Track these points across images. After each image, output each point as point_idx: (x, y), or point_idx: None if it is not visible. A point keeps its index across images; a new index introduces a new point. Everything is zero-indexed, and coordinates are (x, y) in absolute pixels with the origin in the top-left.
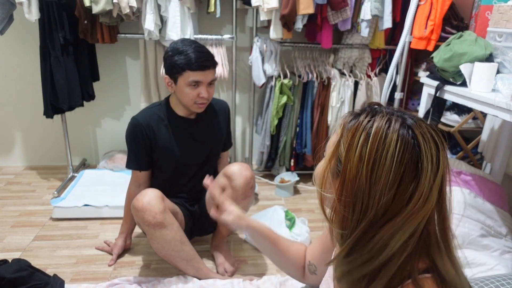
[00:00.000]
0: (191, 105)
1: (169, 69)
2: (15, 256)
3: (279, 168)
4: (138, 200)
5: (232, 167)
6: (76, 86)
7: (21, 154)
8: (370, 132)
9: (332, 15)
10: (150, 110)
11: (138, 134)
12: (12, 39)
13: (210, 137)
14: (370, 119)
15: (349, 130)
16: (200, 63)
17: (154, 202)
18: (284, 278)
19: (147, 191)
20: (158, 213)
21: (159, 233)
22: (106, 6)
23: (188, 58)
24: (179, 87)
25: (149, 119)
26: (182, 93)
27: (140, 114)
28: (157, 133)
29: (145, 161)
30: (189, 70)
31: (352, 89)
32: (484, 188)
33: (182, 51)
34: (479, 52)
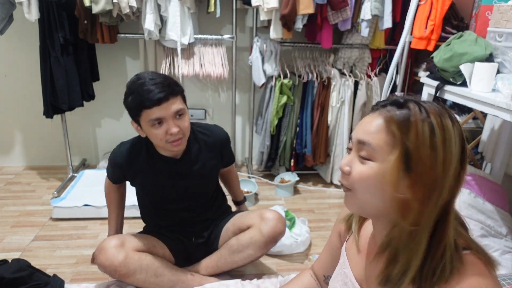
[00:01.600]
0: (165, 145)
1: (130, 113)
2: (15, 256)
3: (279, 168)
4: (96, 256)
5: (271, 213)
6: (76, 86)
7: (21, 154)
8: (431, 121)
9: (332, 15)
10: (127, 143)
11: (116, 167)
12: (12, 39)
13: (195, 175)
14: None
15: (409, 124)
16: (153, 98)
17: (112, 255)
18: (284, 278)
19: (105, 245)
20: (118, 266)
21: (130, 280)
22: (106, 6)
23: (140, 95)
24: (144, 129)
25: (130, 157)
26: (151, 135)
27: (123, 148)
28: (137, 172)
29: (119, 178)
30: (144, 109)
31: (352, 89)
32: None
33: (134, 90)
34: (479, 52)
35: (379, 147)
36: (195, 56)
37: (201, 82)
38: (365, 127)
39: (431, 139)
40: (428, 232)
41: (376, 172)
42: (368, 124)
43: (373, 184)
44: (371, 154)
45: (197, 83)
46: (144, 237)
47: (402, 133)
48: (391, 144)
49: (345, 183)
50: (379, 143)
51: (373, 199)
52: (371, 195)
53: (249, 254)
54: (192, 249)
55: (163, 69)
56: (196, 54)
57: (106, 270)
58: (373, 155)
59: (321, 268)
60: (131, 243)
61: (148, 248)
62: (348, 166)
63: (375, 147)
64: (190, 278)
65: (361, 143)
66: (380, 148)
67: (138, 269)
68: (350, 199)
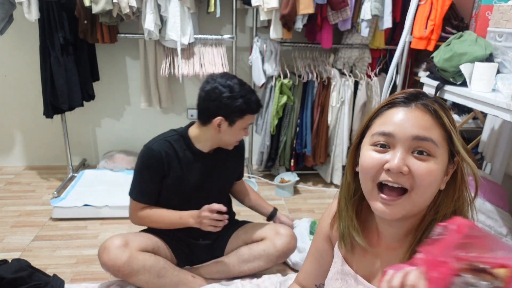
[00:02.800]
0: (232, 144)
1: (228, 111)
2: (15, 256)
3: (279, 168)
4: (100, 255)
5: (285, 229)
6: (76, 86)
7: (21, 154)
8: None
9: (332, 15)
10: (166, 141)
11: (154, 164)
12: (12, 39)
13: (223, 172)
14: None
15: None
16: (258, 107)
17: (115, 255)
18: (284, 277)
19: (109, 244)
20: (121, 266)
21: (133, 280)
22: (106, 6)
23: (251, 102)
24: (233, 129)
25: (166, 150)
26: (233, 134)
27: (155, 143)
28: (171, 166)
29: (150, 194)
30: (249, 114)
31: (352, 89)
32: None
33: (243, 95)
34: (479, 52)
35: (439, 142)
36: (195, 56)
37: (201, 82)
38: (417, 122)
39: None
40: None
41: (441, 169)
42: (418, 118)
43: (436, 180)
44: (432, 149)
45: (197, 83)
46: (148, 237)
47: (451, 122)
48: (444, 137)
49: (405, 184)
50: (438, 138)
51: (430, 196)
52: (431, 192)
53: (259, 265)
54: (196, 251)
55: (163, 69)
56: (196, 54)
57: (109, 269)
58: (434, 150)
59: (310, 278)
60: (135, 242)
61: (152, 248)
62: (405, 165)
63: (438, 142)
64: (192, 280)
65: (420, 139)
66: (440, 143)
67: (141, 270)
68: (402, 205)
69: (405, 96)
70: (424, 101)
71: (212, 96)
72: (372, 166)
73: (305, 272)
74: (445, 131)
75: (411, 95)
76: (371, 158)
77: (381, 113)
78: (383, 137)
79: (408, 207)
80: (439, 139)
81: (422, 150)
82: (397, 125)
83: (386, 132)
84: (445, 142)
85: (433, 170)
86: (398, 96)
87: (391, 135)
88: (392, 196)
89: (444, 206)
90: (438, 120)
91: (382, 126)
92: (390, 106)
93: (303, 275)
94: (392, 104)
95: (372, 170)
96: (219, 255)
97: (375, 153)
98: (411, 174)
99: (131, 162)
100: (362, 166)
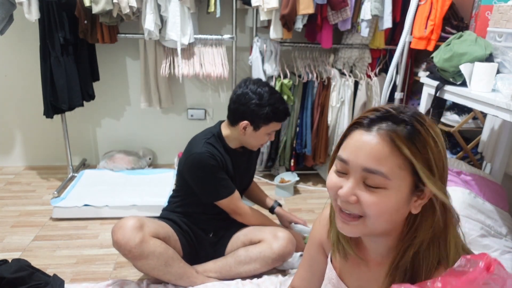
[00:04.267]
0: (256, 147)
1: (254, 117)
2: (15, 256)
3: (279, 168)
4: (114, 232)
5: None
6: (76, 86)
7: (21, 154)
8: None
9: (332, 15)
10: (209, 144)
11: (216, 165)
12: (12, 39)
13: (249, 168)
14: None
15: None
16: (287, 116)
17: (129, 235)
18: (284, 277)
19: (124, 223)
20: (133, 247)
21: (140, 263)
22: (106, 6)
23: (278, 111)
24: (257, 134)
25: (214, 152)
26: (257, 138)
27: (203, 148)
28: (223, 165)
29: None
30: (275, 121)
31: (352, 89)
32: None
33: (270, 103)
34: (479, 52)
35: (392, 174)
36: (195, 56)
37: (201, 82)
38: (370, 153)
39: (437, 150)
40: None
41: (393, 200)
42: (372, 149)
43: (389, 212)
44: (381, 182)
45: (197, 83)
46: (160, 225)
47: (413, 152)
48: (402, 167)
49: (354, 211)
50: (392, 170)
51: (386, 224)
52: (385, 219)
53: (255, 268)
54: (201, 247)
55: (163, 69)
56: (196, 54)
57: (121, 248)
58: (386, 183)
59: (303, 284)
60: (149, 227)
61: (164, 237)
62: (353, 195)
63: (389, 176)
64: (195, 275)
65: (370, 172)
66: (393, 175)
67: (151, 255)
68: (357, 227)
69: (372, 117)
70: (388, 126)
71: (242, 101)
72: (331, 188)
73: (300, 278)
74: (406, 160)
75: (379, 117)
76: (330, 181)
77: (348, 134)
78: (340, 162)
79: (365, 230)
80: (393, 170)
81: (369, 184)
82: (352, 153)
83: (342, 158)
84: (406, 171)
85: (380, 202)
86: (367, 116)
87: (346, 162)
88: (349, 217)
89: (422, 231)
90: (397, 150)
91: (343, 150)
92: (356, 126)
93: (298, 279)
94: (357, 124)
95: (331, 192)
96: (221, 253)
97: (335, 176)
98: (360, 203)
99: (131, 162)
100: (327, 187)
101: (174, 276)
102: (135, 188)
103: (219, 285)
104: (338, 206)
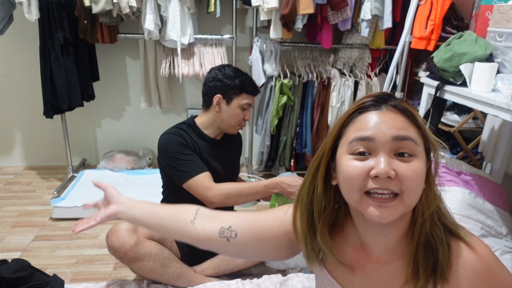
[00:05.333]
0: (234, 126)
1: (225, 89)
2: (15, 256)
3: (279, 168)
4: (108, 237)
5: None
6: (76, 86)
7: (21, 154)
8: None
9: (332, 15)
10: (179, 129)
11: (184, 143)
12: (12, 39)
13: (230, 159)
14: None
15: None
16: (255, 89)
17: (123, 238)
18: (284, 278)
19: (118, 227)
20: (128, 249)
21: (137, 266)
22: (106, 6)
23: (246, 82)
24: (231, 107)
25: (184, 136)
26: (231, 114)
27: (172, 130)
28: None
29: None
30: (245, 93)
31: (352, 89)
32: (484, 188)
33: (237, 76)
34: (479, 52)
35: (417, 140)
36: (195, 56)
37: (201, 82)
38: (393, 123)
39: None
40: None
41: (423, 168)
42: (395, 120)
43: (423, 179)
44: (413, 148)
45: (197, 83)
46: None
47: (422, 121)
48: (418, 133)
49: (394, 188)
50: (415, 136)
51: (417, 197)
52: (420, 192)
53: None
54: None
55: (163, 69)
56: (196, 54)
57: (116, 252)
58: (415, 149)
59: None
60: (143, 229)
61: (159, 238)
62: (392, 169)
63: (416, 141)
64: (193, 274)
65: (400, 139)
66: (418, 141)
67: (147, 256)
68: (397, 206)
69: (373, 99)
70: (393, 102)
71: (210, 79)
72: (358, 175)
73: (235, 215)
74: (419, 128)
75: (379, 98)
76: (354, 167)
77: (353, 120)
78: (362, 142)
79: (402, 209)
80: (416, 137)
81: (403, 151)
82: (374, 129)
83: (364, 137)
84: (421, 139)
85: (418, 170)
86: (367, 100)
87: (371, 139)
88: (386, 199)
89: (427, 204)
90: (411, 119)
91: (359, 131)
92: (361, 111)
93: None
94: (362, 109)
95: (357, 180)
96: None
97: (357, 161)
98: (398, 177)
99: (131, 162)
100: (346, 177)
101: (171, 277)
102: (135, 188)
103: (218, 285)
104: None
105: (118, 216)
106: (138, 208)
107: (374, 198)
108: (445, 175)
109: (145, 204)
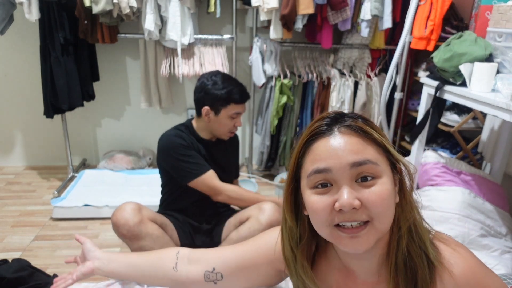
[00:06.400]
0: (225, 134)
1: (212, 100)
2: (15, 256)
3: (279, 168)
4: (114, 215)
5: (269, 204)
6: (76, 86)
7: (21, 154)
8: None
9: (332, 15)
10: (177, 130)
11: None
12: (12, 39)
13: (227, 160)
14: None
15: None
16: (244, 97)
17: (129, 215)
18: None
19: (124, 206)
20: (132, 226)
21: (137, 244)
22: (106, 6)
23: (233, 92)
24: (219, 118)
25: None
26: (221, 123)
27: (171, 132)
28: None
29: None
30: (233, 103)
31: (352, 89)
32: (484, 188)
33: (224, 86)
34: (479, 52)
35: (377, 159)
36: (195, 56)
37: None
38: (348, 149)
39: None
40: None
41: (390, 186)
42: (348, 144)
43: (391, 199)
44: (374, 170)
45: None
46: (158, 215)
47: (379, 135)
48: (377, 151)
49: (361, 218)
50: (374, 155)
51: (390, 219)
52: (391, 213)
53: None
54: (197, 237)
55: (163, 69)
56: (196, 54)
57: (119, 228)
58: (377, 170)
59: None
60: (147, 212)
61: (161, 224)
62: (355, 199)
63: (376, 160)
64: None
65: (359, 165)
66: (378, 160)
67: (148, 237)
68: (369, 233)
69: (325, 123)
70: (346, 122)
71: (198, 89)
72: (322, 210)
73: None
74: (378, 145)
75: (331, 120)
76: (317, 203)
77: (307, 149)
78: (319, 175)
79: (375, 235)
80: (375, 156)
81: (365, 175)
82: (329, 158)
83: (321, 169)
84: (383, 155)
85: (383, 193)
86: (318, 125)
87: (328, 171)
88: (357, 229)
89: (404, 217)
90: (368, 137)
91: (315, 163)
92: (314, 138)
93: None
94: (315, 136)
95: (323, 215)
96: (217, 240)
97: (319, 196)
98: (364, 205)
99: (131, 162)
100: (312, 214)
101: None
102: (135, 188)
103: None
104: (335, 228)
105: (94, 272)
106: (115, 261)
107: (345, 229)
108: (445, 175)
109: (122, 257)
